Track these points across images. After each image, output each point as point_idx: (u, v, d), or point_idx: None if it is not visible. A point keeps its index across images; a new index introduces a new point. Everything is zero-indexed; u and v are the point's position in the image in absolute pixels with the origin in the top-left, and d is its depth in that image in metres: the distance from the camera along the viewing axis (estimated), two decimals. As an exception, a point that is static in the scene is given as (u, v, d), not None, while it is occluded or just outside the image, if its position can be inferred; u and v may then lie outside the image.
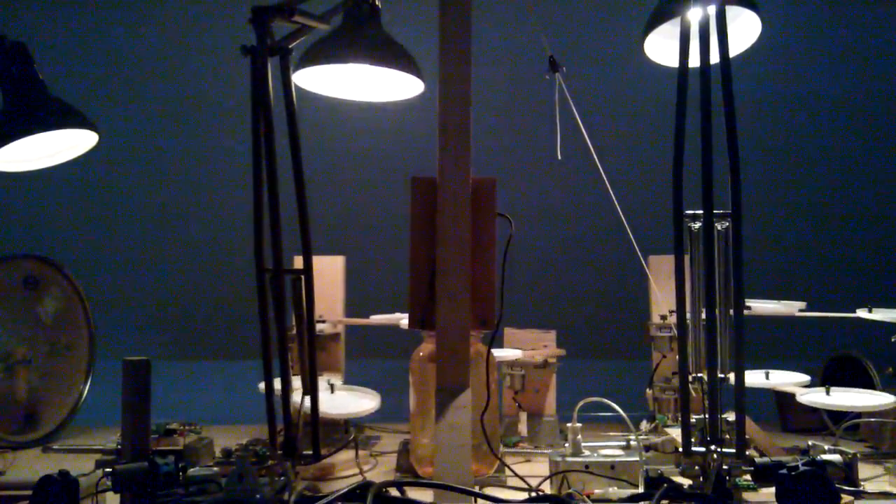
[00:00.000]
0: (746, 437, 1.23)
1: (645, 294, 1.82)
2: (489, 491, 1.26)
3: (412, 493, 1.12)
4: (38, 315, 1.93)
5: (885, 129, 2.54)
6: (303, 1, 1.35)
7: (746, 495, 1.25)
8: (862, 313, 1.75)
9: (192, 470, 1.22)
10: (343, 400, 1.64)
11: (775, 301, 1.81)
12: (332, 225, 2.17)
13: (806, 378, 1.72)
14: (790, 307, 1.78)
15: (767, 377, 1.71)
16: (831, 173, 2.53)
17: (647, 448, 1.50)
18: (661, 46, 1.50)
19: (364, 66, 1.55)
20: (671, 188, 1.25)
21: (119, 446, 1.34)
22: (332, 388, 1.65)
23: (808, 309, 1.78)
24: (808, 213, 2.52)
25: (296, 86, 1.38)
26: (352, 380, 1.81)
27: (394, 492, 1.09)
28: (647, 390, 1.76)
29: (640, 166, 2.17)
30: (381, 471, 1.57)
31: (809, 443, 1.38)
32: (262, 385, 1.32)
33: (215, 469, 1.23)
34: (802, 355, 2.06)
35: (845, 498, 1.07)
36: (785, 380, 1.73)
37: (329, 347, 1.78)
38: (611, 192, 1.58)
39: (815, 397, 1.61)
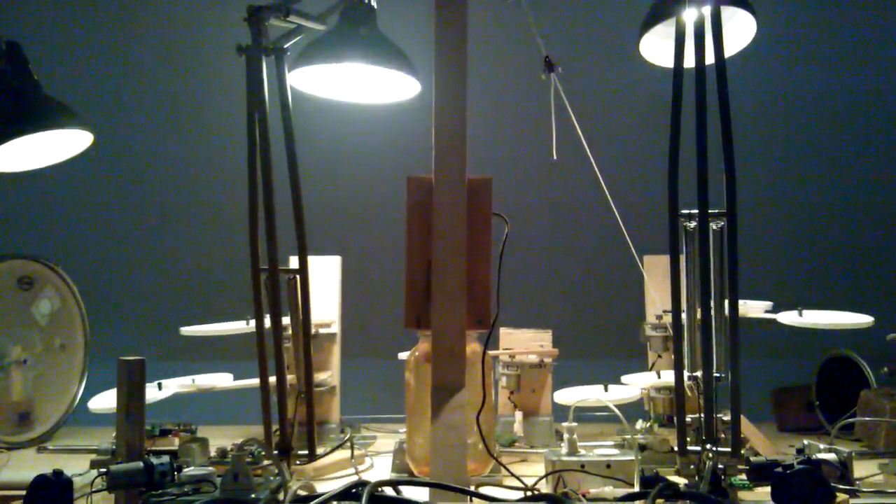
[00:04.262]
0: (742, 436, 1.23)
1: (640, 294, 1.82)
2: (485, 490, 1.26)
3: (408, 492, 1.12)
4: (33, 315, 1.93)
5: (881, 129, 2.54)
6: (298, 0, 1.35)
7: (742, 494, 1.25)
8: (789, 316, 1.73)
9: (186, 469, 1.21)
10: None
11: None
12: (328, 225, 2.17)
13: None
14: (754, 308, 1.75)
15: (606, 390, 1.69)
16: (827, 173, 2.53)
17: (642, 447, 1.50)
18: (657, 46, 1.50)
19: (360, 67, 1.55)
20: (666, 188, 1.25)
21: (114, 446, 1.34)
22: (159, 385, 1.65)
23: (807, 308, 1.77)
24: (804, 213, 2.52)
25: (291, 86, 1.38)
26: (348, 379, 1.80)
27: (389, 491, 1.09)
28: (642, 390, 1.76)
29: (635, 166, 2.17)
30: (376, 470, 1.57)
31: (805, 442, 1.38)
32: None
33: (210, 469, 1.23)
34: (799, 354, 2.06)
35: (840, 496, 1.07)
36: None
37: (324, 347, 1.77)
38: (606, 192, 1.59)
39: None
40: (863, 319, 1.70)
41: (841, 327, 1.70)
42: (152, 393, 1.62)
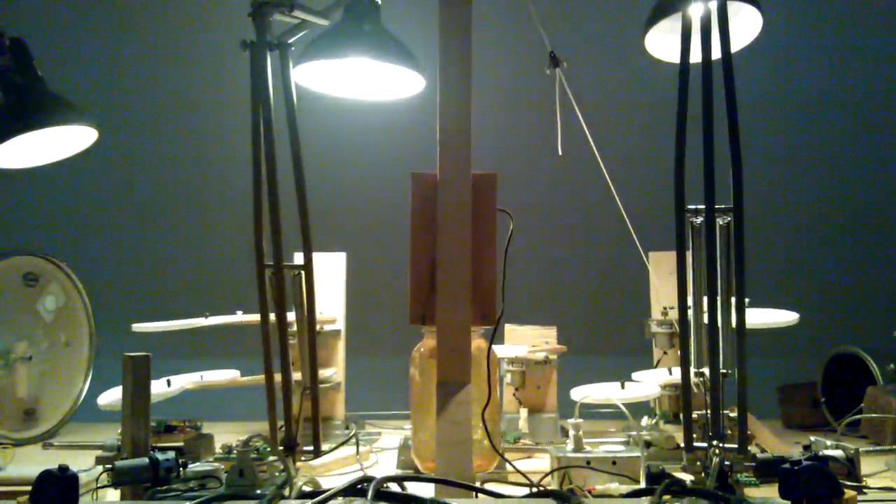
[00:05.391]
0: (748, 432, 1.23)
1: (646, 290, 1.82)
2: (490, 487, 1.25)
3: (413, 488, 1.11)
4: (38, 312, 1.93)
5: (887, 123, 2.53)
6: (303, -4, 1.35)
7: (748, 490, 1.25)
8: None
9: (192, 465, 1.22)
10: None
11: None
12: (333, 221, 2.17)
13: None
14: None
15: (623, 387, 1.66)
16: (833, 167, 2.53)
17: (648, 444, 1.49)
18: (663, 42, 1.49)
19: (364, 63, 1.54)
20: (673, 183, 1.24)
21: (119, 442, 1.34)
22: (168, 382, 1.66)
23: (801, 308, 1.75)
24: (810, 208, 2.52)
25: (296, 83, 1.38)
26: (352, 376, 1.80)
27: (395, 487, 1.09)
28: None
29: (641, 162, 2.16)
30: (381, 467, 1.57)
31: (811, 438, 1.38)
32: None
33: (216, 465, 1.23)
34: (805, 351, 2.06)
35: (848, 493, 1.06)
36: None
37: (329, 344, 1.77)
38: (612, 188, 1.58)
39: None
40: (789, 317, 1.69)
41: (767, 327, 1.68)
42: (161, 389, 1.62)
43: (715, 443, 1.21)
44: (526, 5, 1.56)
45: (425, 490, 1.13)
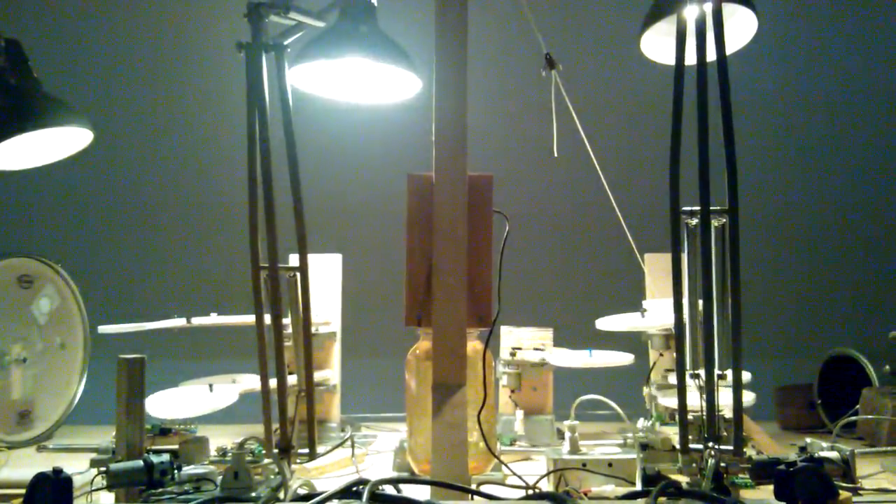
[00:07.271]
0: (744, 434, 1.23)
1: (641, 292, 1.82)
2: (486, 489, 1.25)
3: (409, 490, 1.11)
4: (33, 313, 1.93)
5: (884, 125, 2.54)
6: (298, -3, 1.35)
7: (744, 492, 1.25)
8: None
9: (186, 468, 1.21)
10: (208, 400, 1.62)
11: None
12: (329, 223, 2.17)
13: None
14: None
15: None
16: (829, 169, 2.53)
17: (644, 446, 1.49)
18: (658, 44, 1.49)
19: (360, 64, 1.54)
20: (668, 185, 1.24)
21: (114, 445, 1.34)
22: (210, 387, 1.64)
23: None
24: (806, 210, 2.52)
25: (292, 85, 1.38)
26: (348, 378, 1.80)
27: (390, 489, 1.09)
28: (644, 388, 1.76)
29: (636, 163, 2.16)
30: (377, 469, 1.57)
31: (807, 440, 1.38)
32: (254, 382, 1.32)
33: (211, 467, 1.23)
34: (801, 352, 2.06)
35: (843, 494, 1.07)
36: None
37: (325, 346, 1.77)
38: (607, 190, 1.58)
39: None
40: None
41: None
42: (206, 398, 1.59)
43: (711, 444, 1.21)
44: (522, 7, 1.56)
45: (421, 492, 1.12)
